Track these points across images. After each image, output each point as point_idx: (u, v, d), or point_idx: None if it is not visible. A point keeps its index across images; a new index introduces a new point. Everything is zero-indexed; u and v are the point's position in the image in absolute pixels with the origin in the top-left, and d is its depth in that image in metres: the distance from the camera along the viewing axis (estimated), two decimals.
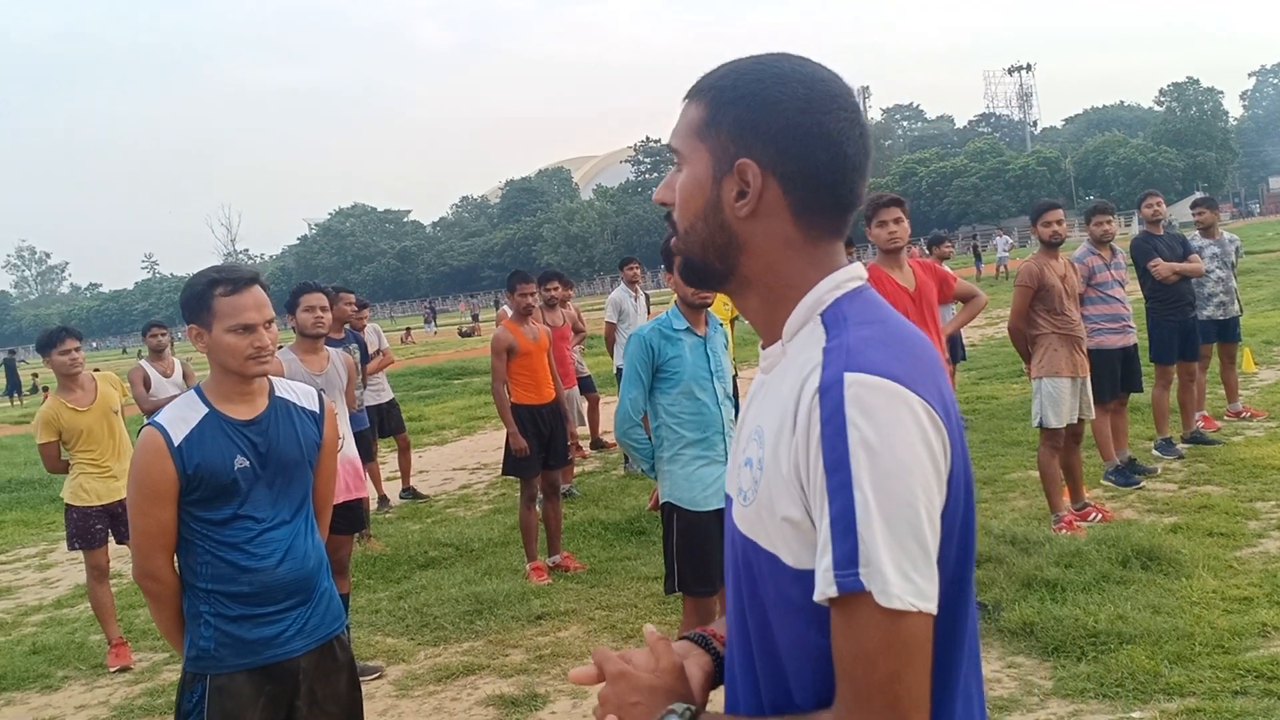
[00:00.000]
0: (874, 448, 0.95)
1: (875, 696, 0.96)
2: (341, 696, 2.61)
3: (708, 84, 1.14)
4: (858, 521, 0.94)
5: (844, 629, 0.97)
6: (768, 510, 1.05)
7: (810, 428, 0.99)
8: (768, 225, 1.10)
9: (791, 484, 1.01)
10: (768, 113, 1.08)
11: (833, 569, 0.95)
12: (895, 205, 4.51)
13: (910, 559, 0.95)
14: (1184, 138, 75.18)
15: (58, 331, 5.59)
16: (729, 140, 1.09)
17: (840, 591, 0.95)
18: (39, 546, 8.93)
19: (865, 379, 0.98)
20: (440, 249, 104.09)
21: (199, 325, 2.47)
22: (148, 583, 2.46)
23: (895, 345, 1.03)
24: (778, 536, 1.03)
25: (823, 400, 0.99)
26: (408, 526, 7.87)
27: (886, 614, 0.94)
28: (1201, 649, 3.90)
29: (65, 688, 5.23)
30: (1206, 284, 7.60)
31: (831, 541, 0.96)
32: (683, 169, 1.15)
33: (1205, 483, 6.37)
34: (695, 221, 1.13)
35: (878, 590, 0.94)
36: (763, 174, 1.08)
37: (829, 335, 1.05)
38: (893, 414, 0.97)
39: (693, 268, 1.17)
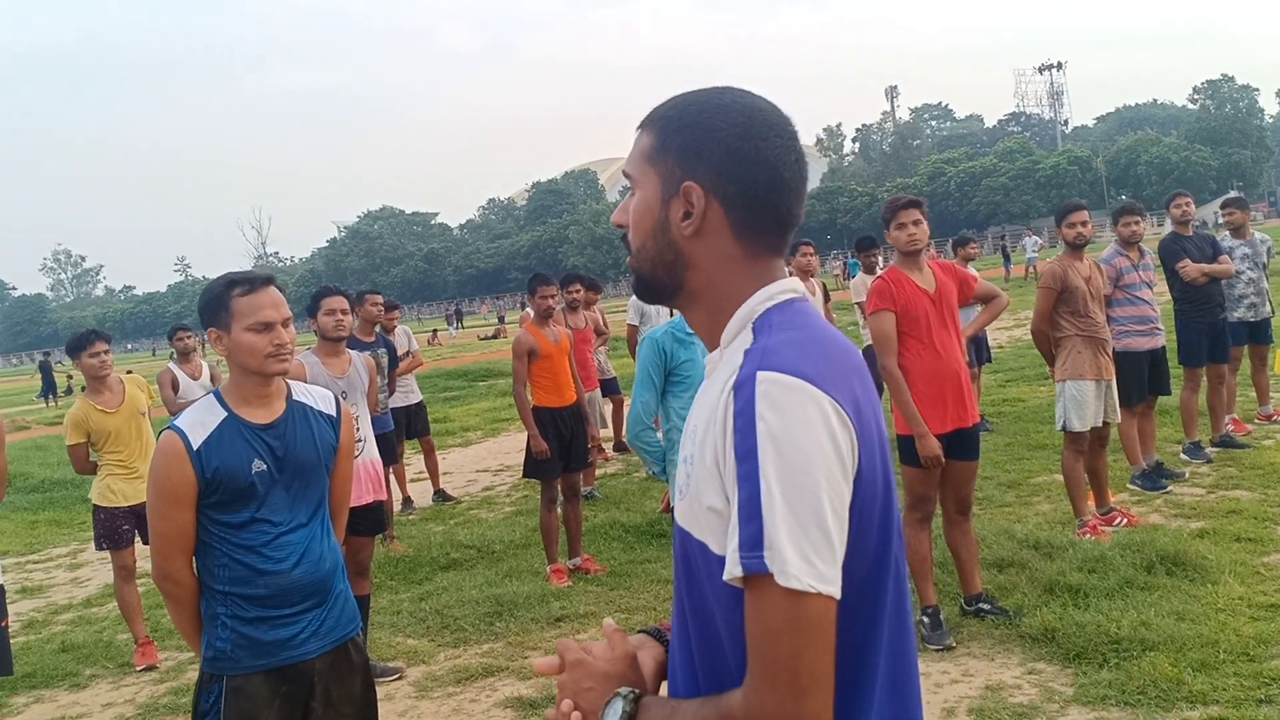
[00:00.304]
0: (779, 439, 1.03)
1: (778, 672, 1.03)
2: (356, 698, 2.63)
3: (657, 115, 1.25)
4: (762, 507, 1.02)
5: (752, 609, 1.04)
6: (697, 501, 1.13)
7: (726, 421, 1.08)
8: (711, 243, 1.20)
9: (714, 474, 1.10)
10: (709, 139, 1.18)
11: (739, 551, 1.03)
12: (914, 207, 4.48)
13: (811, 543, 1.02)
14: (1218, 136, 74.08)
15: (87, 334, 5.69)
16: (675, 165, 1.20)
17: (745, 572, 1.03)
18: (70, 546, 9.07)
19: (776, 376, 1.06)
20: (467, 251, 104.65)
21: (218, 328, 2.51)
22: (166, 584, 2.50)
23: (811, 347, 1.12)
24: (705, 526, 1.12)
25: (736, 395, 1.08)
26: (430, 528, 7.91)
27: (788, 594, 1.01)
28: (1226, 656, 3.84)
29: (92, 686, 5.31)
30: (1237, 285, 7.47)
31: (739, 526, 1.04)
32: (635, 193, 1.25)
33: (1234, 487, 6.27)
34: (646, 240, 1.24)
35: (778, 571, 1.01)
36: (706, 196, 1.18)
37: (755, 339, 1.15)
38: (799, 409, 1.05)
39: (644, 283, 1.27)
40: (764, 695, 1.04)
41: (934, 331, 4.44)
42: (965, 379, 4.52)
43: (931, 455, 4.36)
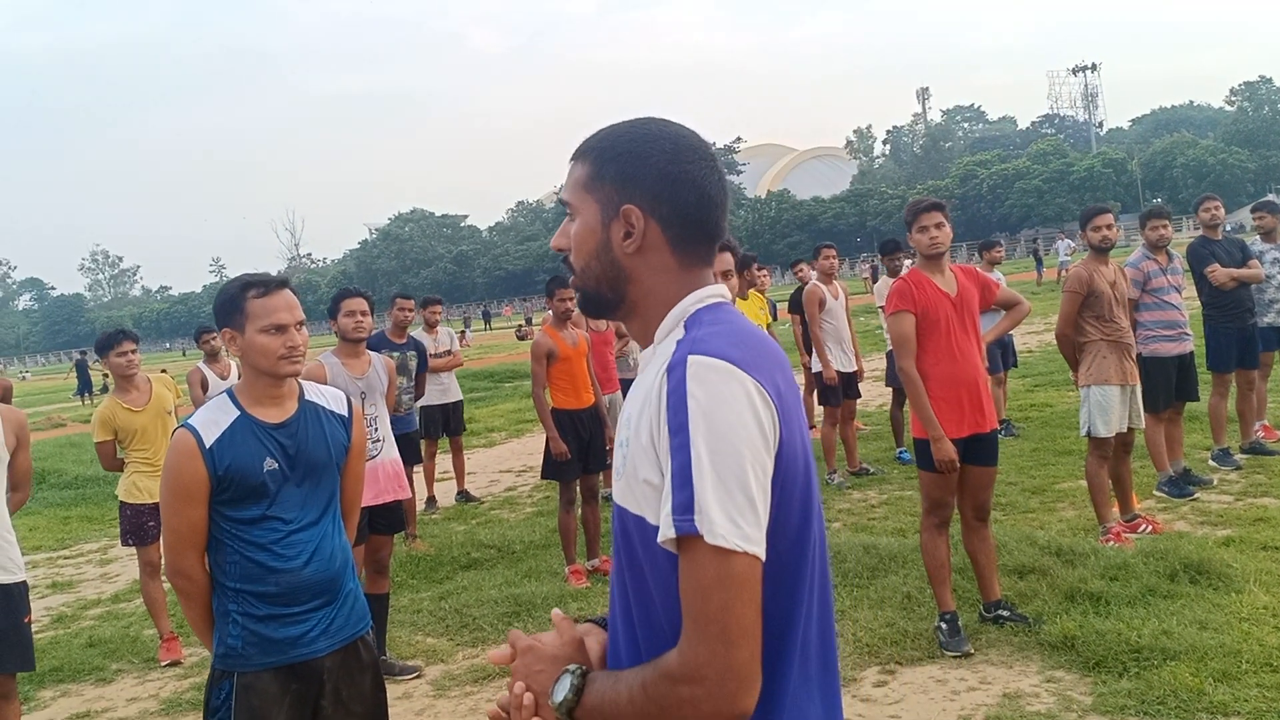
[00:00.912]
0: (708, 413, 1.15)
1: (709, 625, 1.13)
2: (366, 696, 2.65)
3: (589, 146, 1.37)
4: (692, 474, 1.13)
5: (685, 569, 1.15)
6: (634, 478, 1.23)
7: (660, 399, 1.20)
8: (649, 258, 1.33)
9: (649, 451, 1.21)
10: (642, 165, 1.31)
11: (671, 515, 1.14)
12: (936, 210, 4.45)
13: (736, 507, 1.13)
14: (1256, 138, 72.78)
15: (115, 334, 5.78)
16: (612, 191, 1.32)
17: (677, 534, 1.13)
18: (100, 542, 9.22)
19: (704, 359, 1.19)
20: (496, 253, 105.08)
21: (232, 329, 2.55)
22: (179, 580, 2.54)
23: (735, 338, 1.24)
24: (643, 499, 1.22)
25: (669, 376, 1.20)
26: (453, 527, 7.97)
27: (716, 552, 1.12)
28: (1249, 667, 3.77)
29: (118, 680, 5.40)
30: (1267, 290, 7.34)
31: (672, 492, 1.15)
32: (575, 218, 1.37)
33: (1263, 495, 6.17)
34: (590, 260, 1.36)
35: (706, 531, 1.12)
36: (644, 216, 1.31)
37: (686, 334, 1.28)
38: (725, 387, 1.17)
39: (589, 298, 1.39)
40: (697, 647, 1.14)
41: (954, 335, 4.40)
42: (984, 385, 4.48)
43: (946, 459, 4.33)
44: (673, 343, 1.28)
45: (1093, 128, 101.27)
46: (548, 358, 6.24)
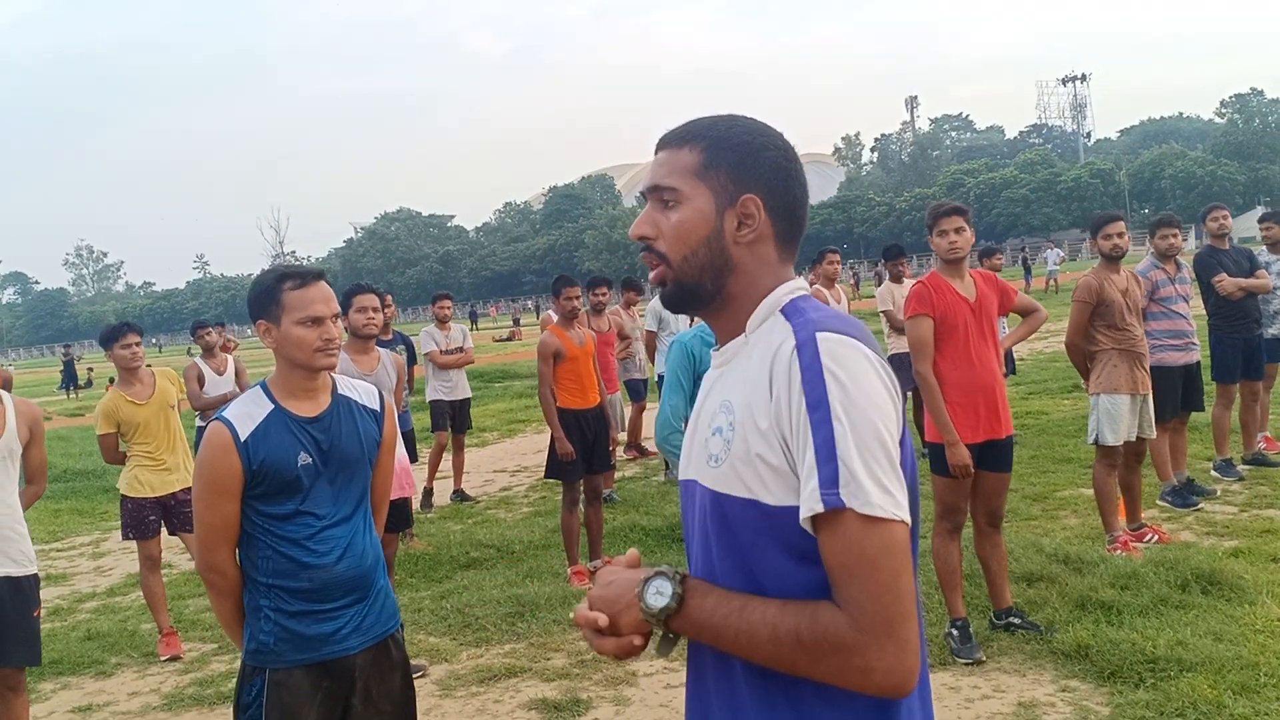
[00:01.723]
0: (846, 386, 1.17)
1: (885, 596, 1.13)
2: (395, 695, 2.61)
3: (697, 134, 1.36)
4: (837, 448, 1.14)
5: (837, 544, 1.14)
6: (744, 462, 1.23)
7: (791, 378, 1.20)
8: (757, 250, 1.34)
9: (770, 435, 1.21)
10: (758, 158, 1.34)
11: (819, 489, 1.14)
12: (956, 214, 4.43)
13: (885, 475, 1.15)
14: (1246, 150, 73.40)
15: (119, 326, 5.71)
16: (728, 180, 1.33)
17: (825, 508, 1.13)
18: (93, 535, 9.12)
19: (833, 336, 1.22)
20: (483, 254, 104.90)
21: (267, 320, 2.50)
22: (210, 575, 2.49)
23: (846, 321, 1.27)
24: (756, 482, 1.22)
25: (801, 354, 1.21)
26: (449, 526, 7.91)
27: (874, 523, 1.13)
28: (1268, 680, 3.76)
29: (118, 674, 5.32)
30: (1273, 301, 7.35)
31: (816, 467, 1.15)
32: (676, 206, 1.34)
33: (1268, 506, 6.18)
34: (696, 249, 1.34)
35: (861, 503, 1.12)
36: (762, 206, 1.33)
37: (791, 320, 1.28)
38: (857, 362, 1.19)
39: (685, 290, 1.36)
40: (874, 620, 1.12)
41: (971, 340, 4.39)
42: (1000, 390, 4.47)
43: (961, 464, 4.31)
44: (776, 329, 1.29)
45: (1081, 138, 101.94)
46: (554, 357, 6.20)
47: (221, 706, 4.72)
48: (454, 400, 8.67)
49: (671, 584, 1.24)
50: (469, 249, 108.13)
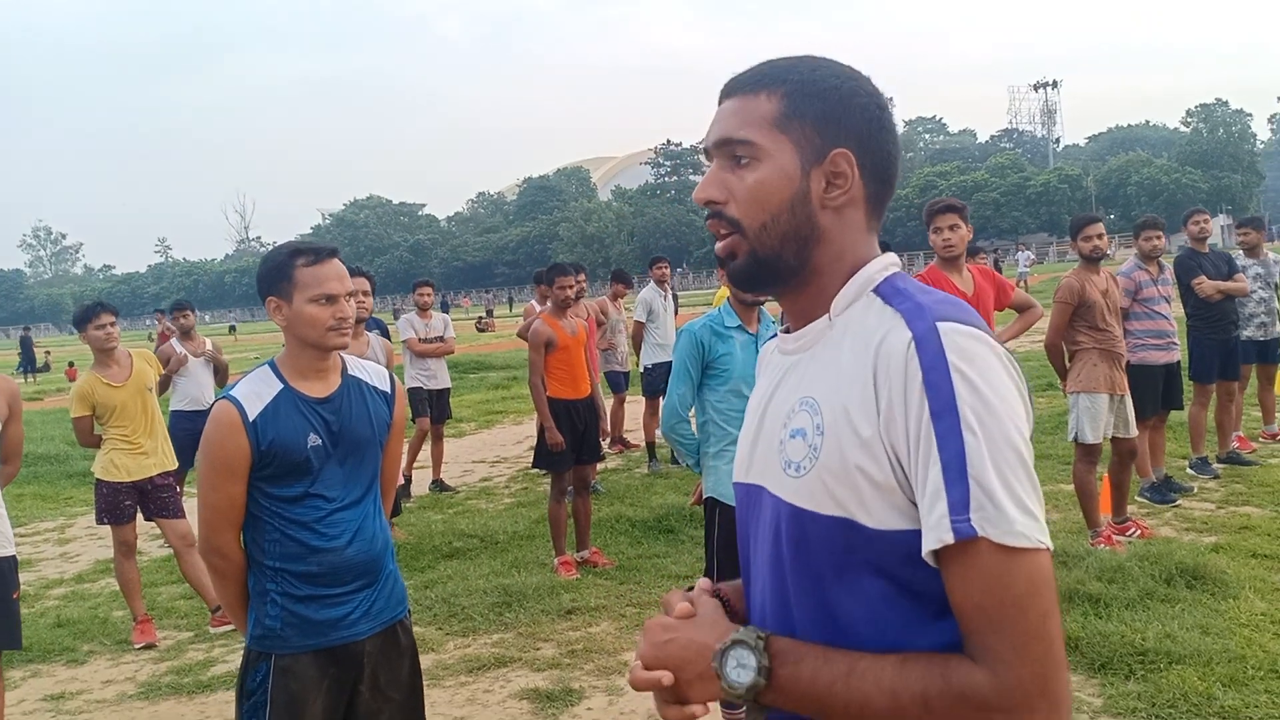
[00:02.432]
0: (978, 388, 0.97)
1: (1034, 644, 0.93)
2: (403, 682, 2.56)
3: (776, 77, 1.14)
4: (969, 464, 0.94)
5: (973, 580, 0.94)
6: (837, 475, 1.03)
7: (908, 379, 0.99)
8: (845, 215, 1.13)
9: (874, 444, 1.01)
10: (849, 106, 1.12)
11: (948, 515, 0.94)
12: (951, 211, 4.47)
13: (1026, 493, 0.95)
14: (1210, 159, 74.65)
15: (93, 306, 5.57)
16: (814, 132, 1.11)
17: (957, 538, 0.93)
18: (57, 521, 8.93)
19: (957, 328, 1.01)
20: (455, 244, 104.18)
21: (278, 297, 2.43)
22: (214, 558, 2.42)
23: (961, 308, 1.06)
24: (852, 499, 1.02)
25: (921, 349, 1.00)
26: (430, 516, 7.83)
27: (1015, 555, 0.93)
28: (1255, 673, 3.81)
29: (90, 662, 5.21)
30: (1248, 304, 7.50)
31: (945, 487, 0.95)
32: (754, 162, 1.12)
33: (1244, 503, 6.28)
34: (779, 215, 1.12)
35: (1001, 530, 0.93)
36: (855, 164, 1.12)
37: (892, 302, 1.07)
38: (986, 359, 1.00)
39: (764, 265, 1.14)
40: (1020, 671, 0.92)
41: None
42: None
43: None
44: (872, 314, 1.08)
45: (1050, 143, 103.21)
46: (546, 346, 6.14)
47: (200, 695, 4.63)
48: (433, 390, 8.58)
49: (755, 655, 1.03)
50: (440, 238, 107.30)
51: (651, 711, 4.03)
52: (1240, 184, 74.19)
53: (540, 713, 4.13)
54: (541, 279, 9.92)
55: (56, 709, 4.61)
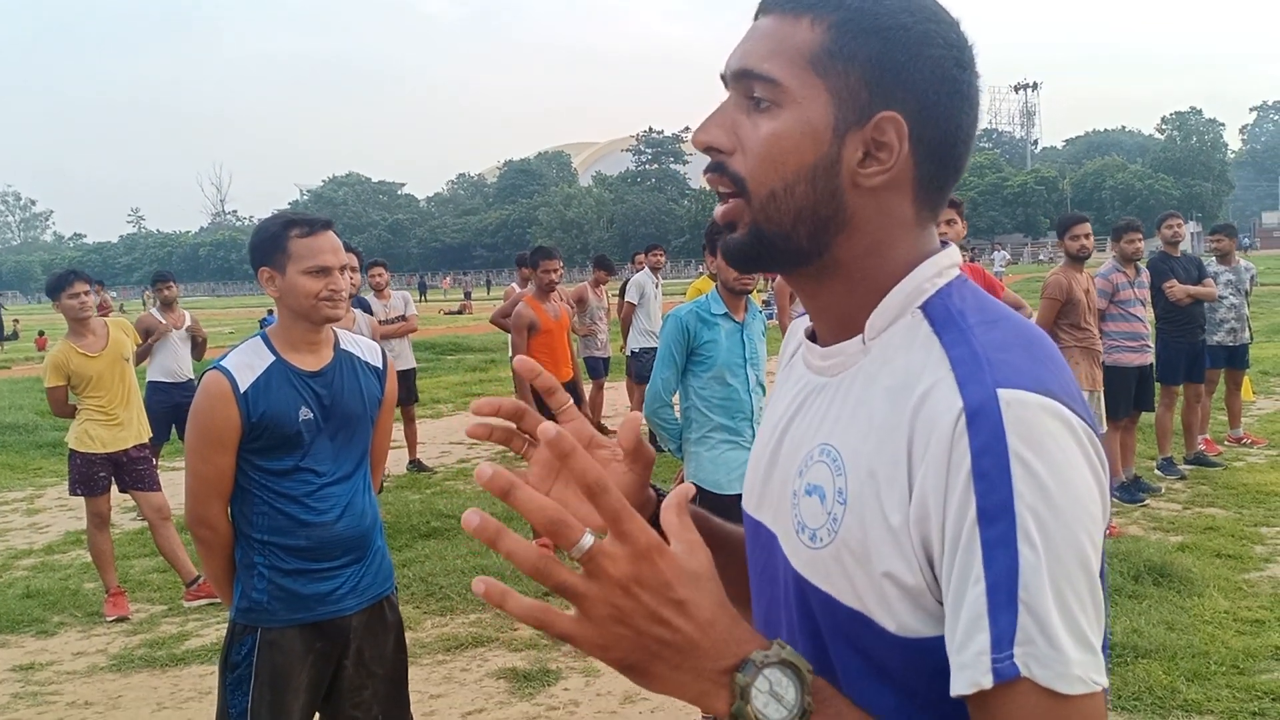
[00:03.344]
0: (1046, 487, 0.73)
1: None
2: (388, 658, 2.57)
3: (833, 0, 0.85)
4: (1022, 587, 0.72)
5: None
6: (857, 565, 0.81)
7: (952, 463, 0.75)
8: (886, 200, 0.86)
9: (903, 537, 0.78)
10: (918, 57, 0.83)
11: (989, 653, 0.72)
12: (949, 206, 4.51)
13: (1089, 624, 0.74)
14: (1182, 167, 75.71)
15: (66, 275, 5.47)
16: (860, 83, 0.83)
17: (997, 680, 0.72)
18: (26, 491, 8.82)
19: (1025, 398, 0.75)
20: (433, 224, 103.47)
21: (271, 268, 2.42)
22: (201, 530, 2.41)
23: (1036, 350, 0.80)
24: (872, 597, 0.80)
25: (973, 427, 0.74)
26: (407, 495, 7.82)
27: (1068, 701, 0.72)
28: (1217, 668, 3.91)
29: (61, 633, 5.17)
30: (1219, 310, 7.64)
31: (989, 615, 0.72)
32: (774, 107, 0.85)
33: (1209, 505, 6.41)
34: (795, 183, 0.84)
35: (1054, 674, 0.71)
36: (906, 135, 0.84)
37: (944, 336, 0.82)
38: (1062, 445, 0.74)
39: (766, 243, 0.87)
40: None
41: None
42: None
43: None
44: (926, 353, 0.82)
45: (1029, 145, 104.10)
46: (529, 329, 6.15)
47: (174, 669, 4.62)
48: (399, 371, 8.52)
49: (798, 690, 0.75)
50: (419, 219, 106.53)
51: (629, 693, 4.07)
52: (1210, 192, 75.29)
53: (517, 692, 4.16)
54: (524, 261, 9.94)
55: (26, 679, 4.57)
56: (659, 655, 0.70)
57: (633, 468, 0.93)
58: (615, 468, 0.93)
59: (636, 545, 0.70)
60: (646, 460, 0.93)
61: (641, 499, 0.95)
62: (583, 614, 0.69)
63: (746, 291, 4.06)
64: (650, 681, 0.72)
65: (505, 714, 3.98)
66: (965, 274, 0.91)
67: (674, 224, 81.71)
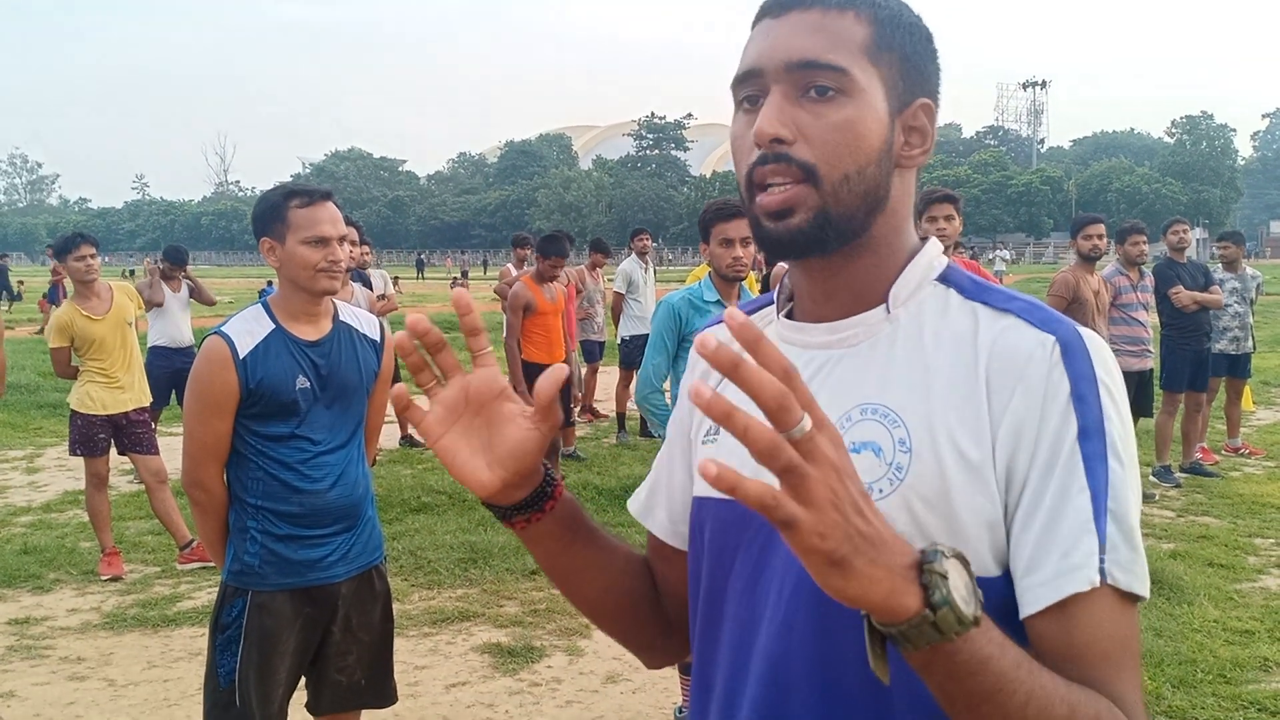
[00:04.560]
0: (1123, 413, 0.85)
1: (1137, 683, 0.83)
2: (374, 626, 2.60)
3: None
4: (1113, 498, 0.80)
5: (1096, 626, 0.80)
6: (930, 503, 0.84)
7: (1049, 391, 0.83)
8: (908, 180, 0.96)
9: (985, 469, 0.83)
10: (929, 50, 0.95)
11: (1097, 554, 0.79)
12: (947, 202, 4.51)
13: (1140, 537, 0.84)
14: (1190, 172, 75.36)
15: (73, 237, 5.48)
16: (899, 74, 0.92)
17: (1103, 581, 0.79)
18: (26, 450, 8.84)
19: (1093, 336, 0.87)
20: (433, 202, 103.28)
21: (272, 238, 2.43)
22: (196, 492, 2.43)
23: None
24: (944, 535, 0.83)
25: (1068, 357, 0.84)
26: (399, 470, 7.84)
27: (1134, 604, 0.82)
28: (1204, 676, 3.92)
29: (56, 590, 5.20)
30: (1223, 317, 7.61)
31: (1094, 521, 0.80)
32: (843, 96, 0.89)
33: (1203, 514, 6.42)
34: (866, 166, 0.89)
35: (1133, 578, 0.80)
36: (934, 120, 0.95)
37: (986, 298, 0.91)
38: (1120, 378, 0.88)
39: (833, 226, 0.89)
40: (1137, 710, 0.82)
41: None
42: None
43: None
44: (954, 309, 0.92)
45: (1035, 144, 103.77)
46: (525, 310, 6.15)
47: (165, 629, 4.65)
48: None
49: (971, 580, 0.72)
50: (419, 196, 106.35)
51: (610, 673, 4.10)
52: (1219, 198, 75.01)
53: (501, 667, 4.18)
54: (520, 242, 9.93)
55: (21, 633, 4.60)
56: (860, 549, 0.68)
57: (539, 425, 0.91)
58: (521, 423, 0.91)
59: (834, 434, 0.68)
60: (553, 422, 0.91)
61: (537, 461, 0.93)
62: (805, 497, 0.65)
63: (740, 278, 4.05)
64: (850, 578, 0.68)
65: (488, 688, 4.01)
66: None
67: (673, 210, 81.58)
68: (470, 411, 0.92)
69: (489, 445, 0.91)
